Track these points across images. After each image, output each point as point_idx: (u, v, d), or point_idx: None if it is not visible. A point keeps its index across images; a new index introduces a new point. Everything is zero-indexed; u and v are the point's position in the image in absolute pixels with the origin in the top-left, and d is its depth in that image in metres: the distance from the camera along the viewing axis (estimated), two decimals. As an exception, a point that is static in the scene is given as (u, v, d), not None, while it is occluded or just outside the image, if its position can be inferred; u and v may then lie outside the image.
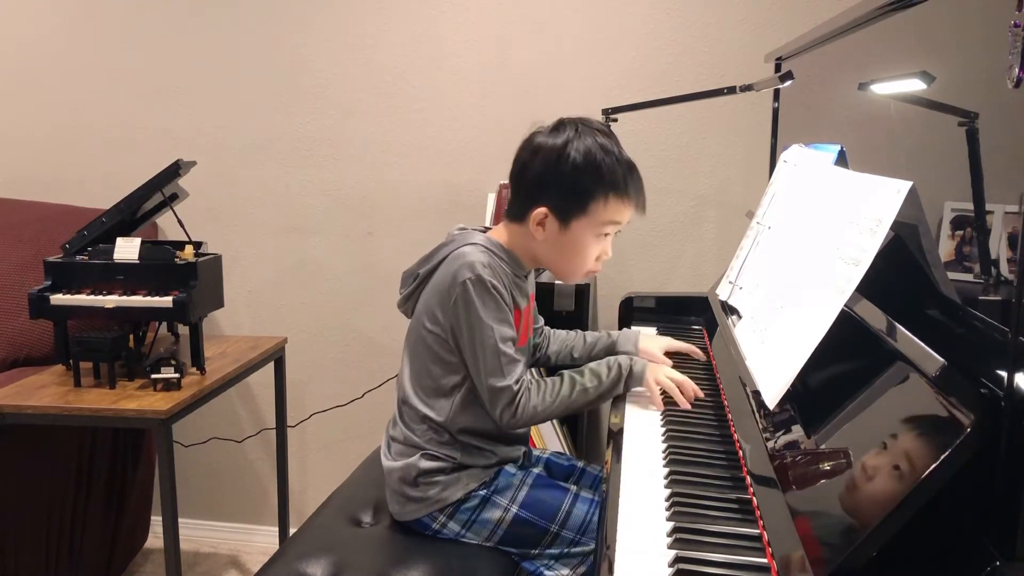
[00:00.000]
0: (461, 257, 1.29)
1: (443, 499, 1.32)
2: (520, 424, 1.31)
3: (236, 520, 2.58)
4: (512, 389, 1.27)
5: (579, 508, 1.33)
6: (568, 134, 1.29)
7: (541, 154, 1.30)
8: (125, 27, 2.39)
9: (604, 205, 1.29)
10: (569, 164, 1.27)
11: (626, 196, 1.30)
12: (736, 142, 2.18)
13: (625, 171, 1.30)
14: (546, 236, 1.31)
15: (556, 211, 1.29)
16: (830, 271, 1.03)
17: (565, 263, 1.35)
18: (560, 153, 1.28)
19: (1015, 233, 0.76)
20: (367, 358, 2.43)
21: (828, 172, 1.26)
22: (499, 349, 1.26)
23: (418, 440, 1.34)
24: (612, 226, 1.33)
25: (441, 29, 2.25)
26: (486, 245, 1.32)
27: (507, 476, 1.36)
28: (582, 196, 1.28)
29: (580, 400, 1.32)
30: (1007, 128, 0.80)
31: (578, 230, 1.30)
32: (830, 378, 1.02)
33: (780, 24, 2.10)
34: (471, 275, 1.26)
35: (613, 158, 1.29)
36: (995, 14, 0.81)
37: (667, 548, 0.89)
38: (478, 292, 1.26)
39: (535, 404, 1.29)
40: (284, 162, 2.39)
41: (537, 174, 1.30)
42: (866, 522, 0.71)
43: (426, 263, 1.36)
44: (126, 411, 1.68)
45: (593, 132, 1.30)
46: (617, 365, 1.34)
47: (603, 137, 1.30)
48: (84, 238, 1.87)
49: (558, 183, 1.28)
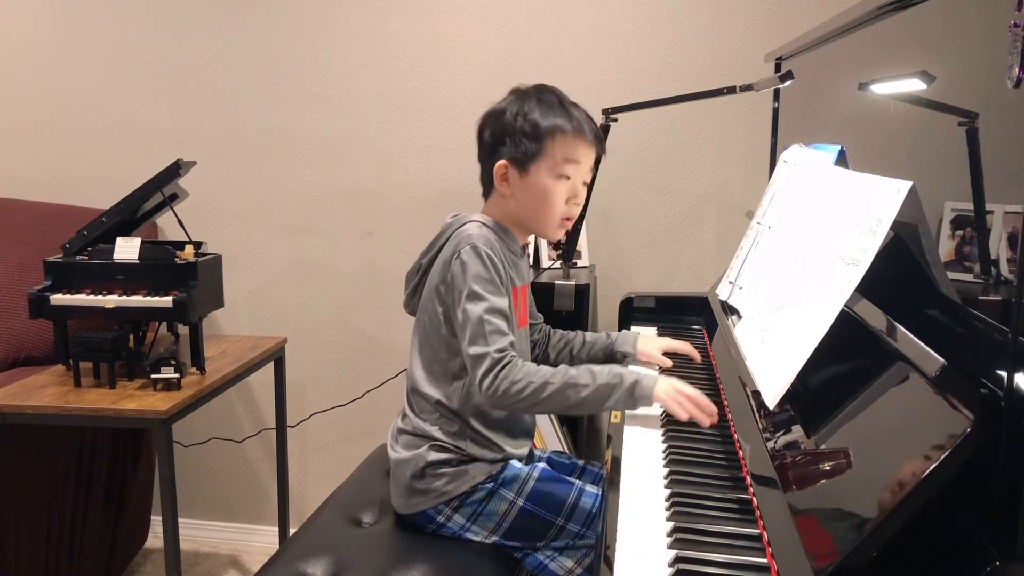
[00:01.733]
0: (461, 232, 1.33)
1: (449, 491, 1.32)
2: (498, 399, 1.24)
3: (236, 520, 2.58)
4: (492, 356, 1.24)
5: (585, 501, 1.33)
6: (515, 95, 1.38)
7: (490, 119, 1.38)
8: (125, 27, 2.39)
9: (553, 142, 1.33)
10: (513, 114, 1.35)
11: (579, 133, 1.34)
12: (736, 142, 2.18)
13: (575, 112, 1.35)
14: (511, 189, 1.36)
15: (514, 160, 1.34)
16: (830, 271, 1.03)
17: (538, 212, 1.37)
18: (505, 109, 1.36)
19: (1015, 233, 0.76)
20: (367, 358, 2.43)
21: (828, 172, 1.26)
22: (484, 317, 1.26)
23: (428, 429, 1.34)
24: (571, 166, 1.35)
25: (442, 29, 2.25)
26: (483, 222, 1.36)
27: (513, 469, 1.36)
28: (532, 138, 1.33)
29: (572, 396, 1.24)
30: (1007, 128, 0.80)
31: (538, 173, 1.34)
32: (830, 378, 1.02)
33: (780, 24, 2.10)
34: (468, 244, 1.30)
35: (555, 100, 1.35)
36: (995, 14, 0.81)
37: (667, 548, 0.89)
38: (473, 257, 1.29)
39: (517, 379, 1.23)
40: (284, 162, 2.39)
41: (491, 132, 1.37)
42: (866, 522, 0.71)
43: (427, 252, 1.40)
44: (126, 411, 1.68)
45: (541, 90, 1.37)
46: (619, 375, 1.26)
47: (550, 94, 1.37)
48: (84, 238, 1.87)
49: (507, 134, 1.34)
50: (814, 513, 0.82)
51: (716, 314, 1.62)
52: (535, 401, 1.25)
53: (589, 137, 1.35)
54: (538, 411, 1.43)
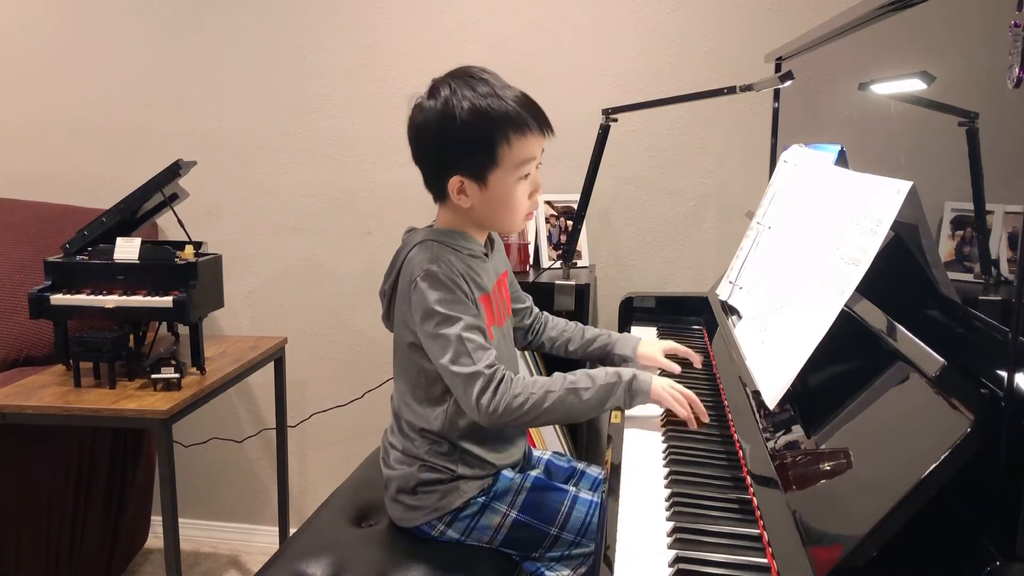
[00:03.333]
0: (412, 259, 1.27)
1: (441, 507, 1.31)
2: (501, 415, 1.19)
3: (236, 520, 2.58)
4: (484, 373, 1.19)
5: (579, 510, 1.32)
6: (445, 93, 1.24)
7: (430, 123, 1.26)
8: (125, 27, 2.39)
9: (509, 147, 1.24)
10: (458, 122, 1.22)
11: (527, 129, 1.24)
12: (736, 142, 2.18)
13: (514, 105, 1.24)
14: (471, 201, 1.28)
15: (469, 174, 1.26)
16: (830, 271, 1.03)
17: (502, 217, 1.31)
18: (444, 114, 1.23)
19: (1015, 233, 0.76)
20: (367, 358, 2.43)
21: (828, 172, 1.26)
22: (463, 335, 1.21)
23: (417, 451, 1.32)
24: (528, 164, 1.27)
25: (441, 29, 2.25)
26: (432, 239, 1.29)
27: (505, 481, 1.34)
28: (485, 148, 1.24)
29: (572, 401, 1.22)
30: (1007, 128, 0.80)
31: (497, 182, 1.26)
32: (830, 378, 1.02)
33: (780, 24, 2.10)
34: (421, 272, 1.24)
35: (497, 98, 1.23)
36: (995, 14, 0.81)
37: (667, 548, 0.89)
38: (431, 285, 1.23)
39: (517, 392, 1.19)
40: (284, 162, 2.39)
41: (434, 145, 1.27)
42: (866, 522, 0.71)
43: (388, 277, 1.35)
44: (126, 411, 1.68)
45: (469, 82, 1.25)
46: (616, 373, 1.25)
47: (481, 84, 1.25)
48: (84, 238, 1.87)
49: (457, 146, 1.25)
50: (814, 513, 0.82)
51: (716, 314, 1.62)
52: (538, 413, 1.21)
53: (539, 129, 1.26)
54: (540, 423, 1.38)
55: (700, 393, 1.33)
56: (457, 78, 1.26)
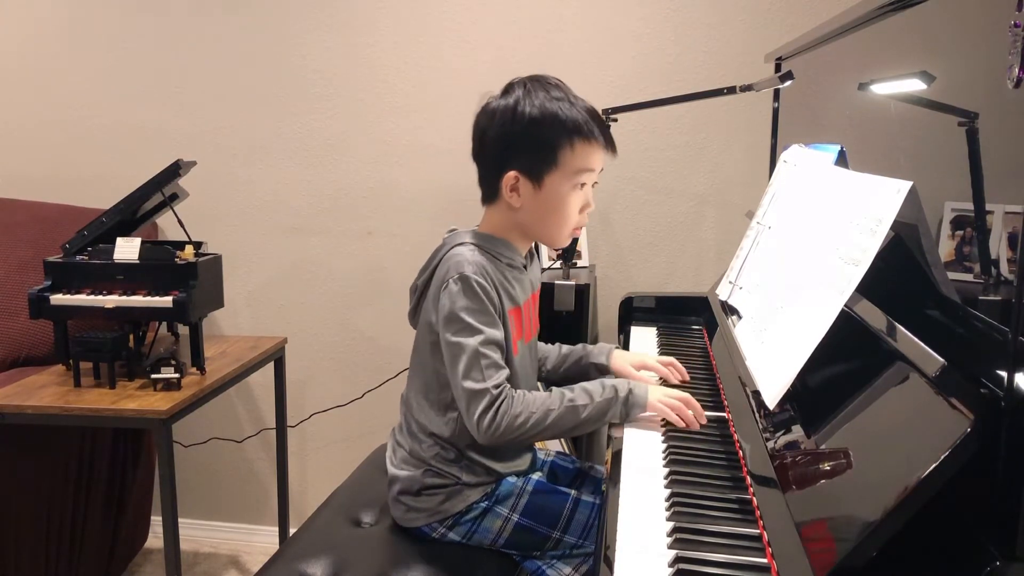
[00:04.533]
0: (451, 259, 1.26)
1: (444, 511, 1.31)
2: (500, 435, 1.20)
3: (236, 520, 2.58)
4: (491, 393, 1.19)
5: (581, 513, 1.32)
6: (518, 93, 1.27)
7: (496, 118, 1.27)
8: (125, 27, 2.39)
9: (572, 152, 1.24)
10: (526, 119, 1.24)
11: (592, 138, 1.25)
12: (736, 142, 2.18)
13: (585, 115, 1.26)
14: (523, 201, 1.27)
15: (526, 171, 1.26)
16: (830, 271, 1.03)
17: (550, 224, 1.30)
18: (514, 111, 1.25)
19: (1015, 233, 0.76)
20: (367, 358, 2.43)
21: (828, 172, 1.26)
22: (480, 350, 1.20)
23: (424, 455, 1.31)
24: (587, 174, 1.27)
25: (441, 29, 2.25)
26: (476, 243, 1.28)
27: (507, 484, 1.33)
28: (547, 148, 1.24)
29: (570, 418, 1.22)
30: (1007, 128, 0.80)
31: (553, 185, 1.26)
32: (830, 378, 1.02)
33: (780, 24, 2.10)
34: (456, 274, 1.23)
35: (568, 104, 1.25)
36: (995, 14, 0.81)
37: (667, 548, 0.89)
38: (463, 290, 1.22)
39: (518, 412, 1.20)
40: (284, 162, 2.39)
41: (497, 139, 1.27)
42: (866, 522, 0.71)
43: (423, 272, 1.34)
44: (126, 411, 1.68)
45: (545, 86, 1.27)
46: (613, 387, 1.25)
47: (555, 89, 1.27)
48: (84, 238, 1.87)
49: (520, 142, 1.25)
50: (814, 513, 0.82)
51: (716, 314, 1.62)
52: (539, 430, 1.22)
53: (604, 142, 1.28)
54: (541, 439, 1.38)
55: (700, 393, 1.33)
56: (532, 81, 1.28)
